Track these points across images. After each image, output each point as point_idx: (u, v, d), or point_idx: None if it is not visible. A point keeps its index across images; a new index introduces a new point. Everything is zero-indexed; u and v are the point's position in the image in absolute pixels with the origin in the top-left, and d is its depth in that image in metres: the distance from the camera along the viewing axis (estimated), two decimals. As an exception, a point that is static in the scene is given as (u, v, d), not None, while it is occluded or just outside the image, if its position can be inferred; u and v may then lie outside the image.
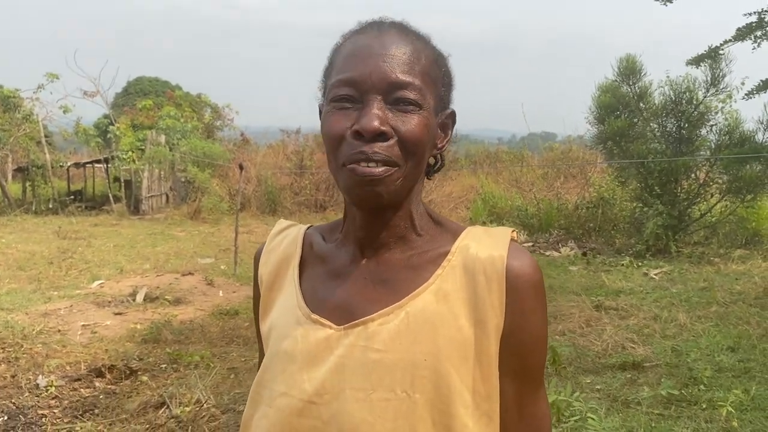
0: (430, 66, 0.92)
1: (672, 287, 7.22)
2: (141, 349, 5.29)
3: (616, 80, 9.88)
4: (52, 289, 7.47)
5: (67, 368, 4.87)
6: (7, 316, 6.13)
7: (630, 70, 9.73)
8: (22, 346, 5.24)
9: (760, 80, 7.66)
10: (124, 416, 3.99)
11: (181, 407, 3.99)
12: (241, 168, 9.48)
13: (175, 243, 11.09)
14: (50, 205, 15.66)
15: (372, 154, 0.85)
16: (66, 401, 4.27)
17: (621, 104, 9.80)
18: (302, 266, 1.00)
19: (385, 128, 0.85)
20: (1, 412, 4.08)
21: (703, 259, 8.87)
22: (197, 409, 3.99)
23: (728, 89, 9.27)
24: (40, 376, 4.62)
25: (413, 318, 0.88)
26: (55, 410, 4.13)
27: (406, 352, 0.87)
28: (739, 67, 9.31)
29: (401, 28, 0.93)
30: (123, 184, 16.04)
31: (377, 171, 0.85)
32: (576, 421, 3.53)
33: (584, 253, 9.61)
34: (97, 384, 4.57)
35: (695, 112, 9.43)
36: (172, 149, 15.99)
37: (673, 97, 9.47)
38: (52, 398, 4.32)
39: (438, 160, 1.00)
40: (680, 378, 4.42)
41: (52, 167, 16.49)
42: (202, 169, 15.52)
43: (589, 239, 10.74)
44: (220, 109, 21.56)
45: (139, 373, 4.72)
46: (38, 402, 4.25)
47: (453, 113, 0.98)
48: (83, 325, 5.99)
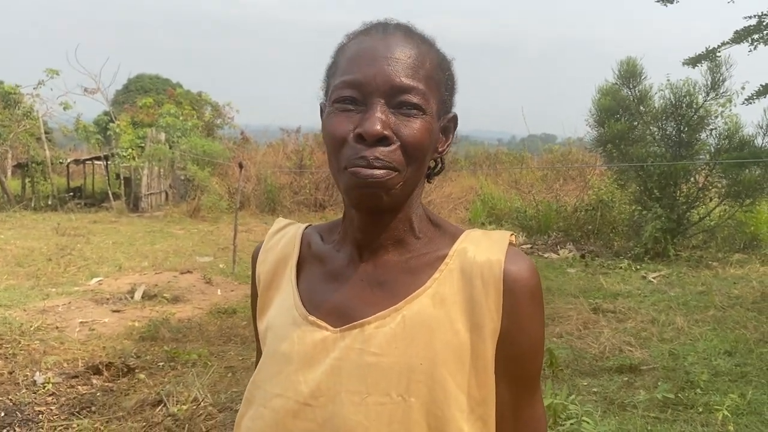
0: (434, 70, 0.92)
1: (670, 291, 7.23)
2: (139, 347, 5.29)
3: (617, 83, 9.88)
4: (50, 285, 7.46)
5: (65, 365, 4.87)
6: (5, 312, 6.13)
7: (630, 73, 9.74)
8: (20, 343, 5.25)
9: (760, 85, 7.67)
10: (121, 414, 3.99)
11: (178, 405, 3.99)
12: (241, 166, 9.48)
13: (174, 241, 11.09)
14: (49, 202, 15.64)
15: (373, 160, 0.85)
16: (63, 398, 4.27)
17: (621, 107, 9.80)
18: (300, 266, 1.00)
19: (387, 132, 0.85)
20: (-2, 408, 4.08)
21: (701, 262, 8.88)
22: (194, 407, 4.00)
23: (728, 93, 9.29)
24: (38, 373, 4.62)
25: (409, 322, 0.88)
26: (52, 407, 4.14)
27: (402, 356, 0.87)
28: (740, 72, 9.32)
29: (406, 31, 0.92)
30: (122, 182, 16.03)
31: (378, 174, 0.85)
32: (572, 424, 3.53)
33: (582, 256, 9.61)
34: (95, 381, 4.57)
35: (695, 116, 9.44)
36: (171, 147, 15.98)
37: (673, 100, 9.48)
38: (49, 395, 4.32)
39: (438, 163, 1.00)
40: (677, 381, 4.42)
41: (52, 164, 16.48)
42: (201, 168, 15.51)
43: (588, 242, 10.74)
44: (221, 108, 21.55)
45: (137, 371, 4.72)
46: (35, 399, 4.25)
47: (455, 117, 0.98)
48: (81, 322, 5.99)
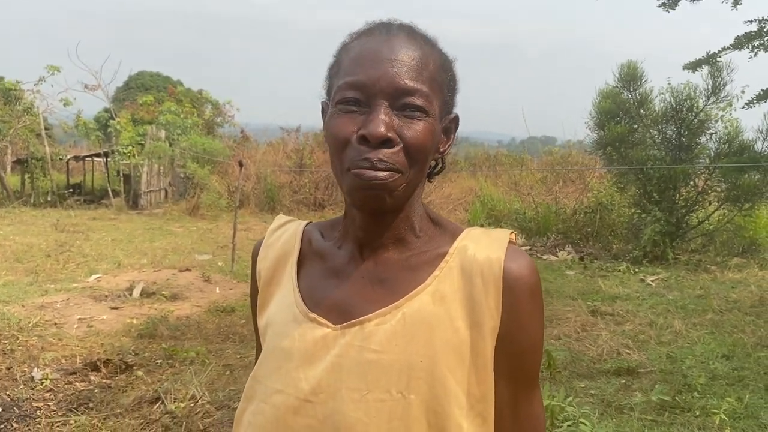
0: (437, 71, 0.92)
1: (668, 294, 7.23)
2: (137, 344, 5.29)
3: (617, 86, 9.89)
4: (49, 282, 7.46)
5: (63, 361, 4.87)
6: (4, 308, 6.12)
7: (631, 76, 9.75)
8: (18, 339, 5.24)
9: (761, 89, 7.67)
10: (118, 410, 3.99)
11: (176, 403, 3.99)
12: (241, 165, 9.48)
13: (173, 239, 11.09)
14: (49, 198, 15.64)
15: (377, 162, 0.86)
16: (61, 394, 4.27)
17: (621, 110, 9.81)
18: (300, 263, 1.01)
19: (391, 135, 0.86)
20: (-4, 403, 4.08)
21: (699, 266, 8.89)
22: (192, 405, 3.99)
23: (729, 98, 9.30)
24: (36, 369, 4.62)
25: (410, 319, 0.89)
26: (49, 403, 4.14)
27: (402, 353, 0.87)
28: (740, 76, 9.34)
29: (409, 32, 0.93)
30: (122, 179, 16.03)
31: (381, 175, 0.86)
32: (569, 426, 3.54)
33: (581, 258, 9.62)
34: (93, 378, 4.57)
35: (695, 120, 9.45)
36: (172, 145, 15.99)
37: (673, 104, 9.49)
38: (47, 391, 4.32)
39: (439, 163, 1.01)
40: (674, 385, 4.43)
41: (52, 160, 16.48)
42: (201, 166, 15.51)
43: (587, 244, 10.75)
44: (221, 106, 21.55)
45: (135, 368, 4.72)
46: (33, 394, 4.25)
47: (456, 117, 0.99)
48: (79, 319, 5.98)
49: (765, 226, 9.92)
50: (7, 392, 4.25)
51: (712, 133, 9.59)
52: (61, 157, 17.50)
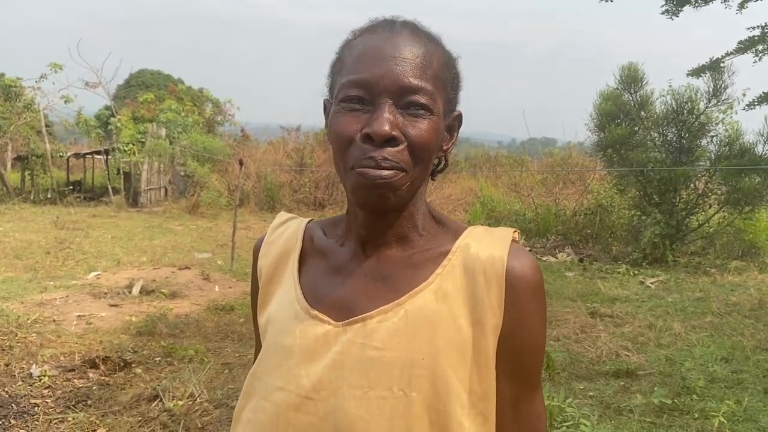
0: (441, 69, 0.92)
1: (668, 296, 7.23)
2: (135, 342, 5.29)
3: (618, 88, 9.89)
4: (48, 278, 7.46)
5: (61, 358, 4.86)
6: (3, 304, 6.12)
7: (632, 78, 9.75)
8: (17, 335, 5.24)
9: (762, 92, 7.68)
10: (117, 408, 3.98)
11: (175, 401, 3.99)
12: (241, 164, 9.48)
13: (173, 237, 11.08)
14: (49, 195, 15.63)
15: (381, 161, 0.85)
16: (59, 391, 4.27)
17: (622, 112, 9.81)
18: (302, 260, 1.00)
19: (395, 133, 0.85)
20: (-6, 400, 4.08)
21: (699, 269, 8.89)
22: (190, 403, 3.99)
23: (729, 100, 9.30)
24: (34, 366, 4.62)
25: (412, 316, 0.88)
26: (48, 400, 4.13)
27: (404, 351, 0.87)
28: (741, 79, 9.34)
29: (413, 29, 0.92)
30: (122, 177, 16.02)
31: (386, 174, 0.85)
32: (568, 427, 3.54)
33: (581, 260, 9.62)
34: (91, 375, 4.57)
35: (696, 122, 9.44)
36: (172, 143, 15.98)
37: (674, 106, 9.48)
38: (45, 388, 4.31)
39: (442, 161, 1.00)
40: (673, 387, 4.43)
41: (52, 157, 16.46)
42: (201, 164, 15.50)
43: (587, 246, 10.75)
44: (222, 105, 21.55)
45: (133, 366, 4.72)
46: (31, 391, 4.25)
47: (459, 115, 0.98)
48: (78, 316, 5.98)
49: (765, 230, 9.92)
50: (5, 389, 4.24)
51: (712, 136, 9.59)
52: (61, 155, 17.49)
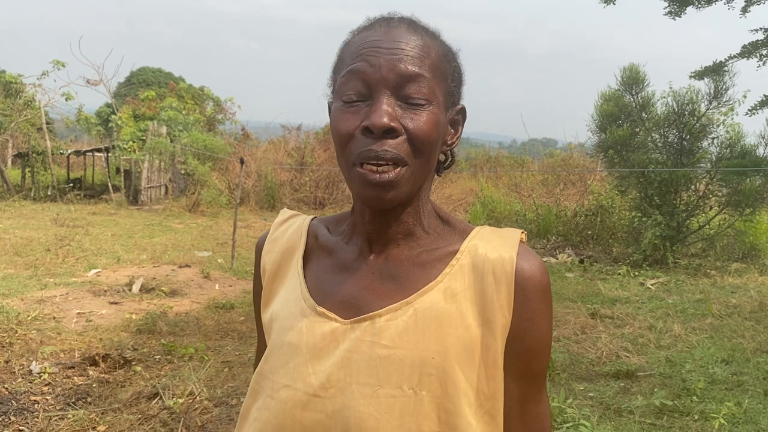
0: (440, 60, 0.91)
1: (668, 298, 7.23)
2: (135, 340, 5.29)
3: (619, 89, 9.89)
4: (48, 276, 7.45)
5: (61, 355, 4.86)
6: (3, 301, 6.12)
7: (633, 79, 9.74)
8: (17, 332, 5.23)
9: (764, 95, 7.68)
10: (116, 405, 3.98)
11: (174, 399, 3.99)
12: (242, 162, 9.47)
13: (173, 235, 11.08)
14: (49, 192, 15.62)
15: (382, 152, 0.84)
16: (59, 388, 4.26)
17: (623, 113, 9.81)
18: (306, 257, 0.99)
19: (394, 124, 0.85)
20: (-6, 396, 4.07)
21: (699, 271, 8.88)
22: (190, 401, 3.99)
23: (731, 102, 9.29)
24: (34, 363, 4.62)
25: (421, 315, 0.88)
26: (47, 397, 4.13)
27: (413, 349, 0.87)
28: (742, 80, 9.34)
29: (410, 23, 0.92)
30: (123, 174, 16.02)
31: (388, 176, 0.85)
32: (568, 428, 3.54)
33: (581, 261, 9.61)
34: (91, 372, 4.56)
35: (697, 124, 9.44)
36: (173, 141, 15.97)
37: (675, 108, 9.48)
38: (45, 385, 4.31)
39: (448, 157, 1.00)
40: (673, 389, 4.42)
41: (53, 154, 16.46)
42: (202, 162, 15.49)
43: (587, 247, 10.75)
44: (222, 103, 21.56)
45: (133, 363, 4.72)
46: (31, 388, 4.24)
47: (463, 109, 0.98)
48: (78, 313, 5.98)
49: (765, 232, 9.92)
50: (5, 385, 4.24)
51: (713, 138, 9.59)
52: (61, 152, 17.49)
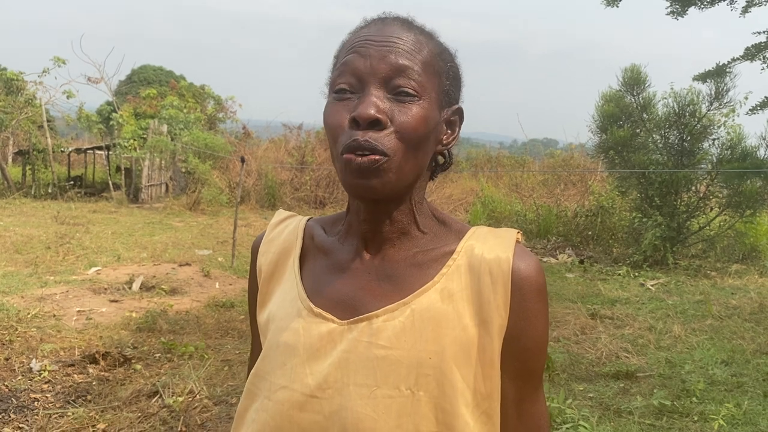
0: (433, 57, 0.91)
1: (668, 299, 7.23)
2: (135, 338, 5.29)
3: (620, 90, 9.89)
4: (48, 273, 7.46)
5: (61, 353, 4.87)
6: (3, 298, 6.13)
7: (634, 80, 9.74)
8: (17, 329, 5.24)
9: (765, 96, 7.67)
10: (116, 403, 3.99)
11: (174, 397, 3.99)
12: (243, 161, 9.48)
13: (173, 233, 11.08)
14: (50, 190, 15.63)
15: (364, 142, 0.84)
16: (59, 386, 4.27)
17: (624, 114, 9.80)
18: (303, 258, 0.99)
19: (381, 116, 0.85)
20: (-6, 394, 4.08)
21: (699, 272, 8.88)
22: (190, 399, 3.99)
23: (732, 104, 9.29)
24: (34, 360, 4.62)
25: (418, 316, 0.88)
26: (47, 394, 4.13)
27: (410, 350, 0.87)
28: (744, 81, 9.32)
29: (405, 21, 0.93)
30: (123, 172, 16.02)
31: (367, 161, 0.84)
32: (568, 428, 3.54)
33: (581, 261, 9.61)
34: (91, 370, 4.57)
35: (698, 125, 9.44)
36: (173, 139, 15.97)
37: (676, 109, 9.48)
38: (45, 382, 4.31)
39: (446, 158, 1.00)
40: (673, 389, 4.43)
41: (53, 152, 16.47)
42: (202, 161, 15.49)
43: (587, 247, 10.75)
44: (223, 101, 21.55)
45: (133, 362, 4.72)
46: (31, 386, 4.25)
47: (460, 109, 0.97)
48: (78, 311, 5.98)
49: (766, 233, 9.92)
50: (5, 383, 4.24)
51: (714, 139, 9.59)
52: (62, 150, 17.49)
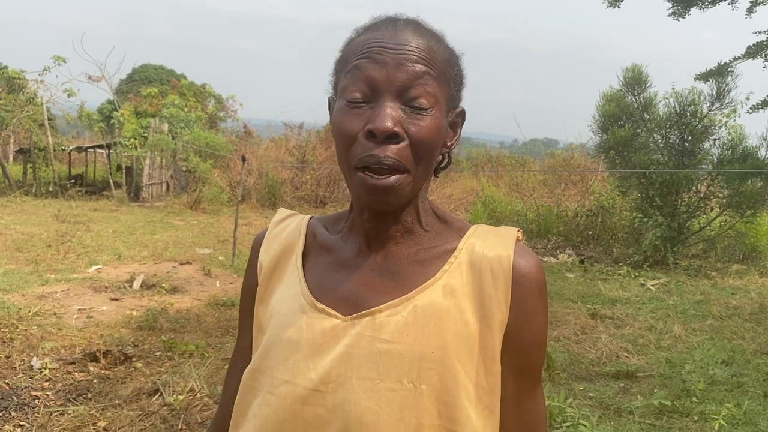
0: (444, 65, 0.92)
1: (668, 299, 7.23)
2: (136, 336, 5.29)
3: (621, 90, 9.89)
4: (49, 271, 7.46)
5: (62, 351, 4.87)
6: (4, 296, 6.13)
7: (635, 80, 9.74)
8: (18, 327, 5.25)
9: (766, 96, 7.67)
10: (117, 402, 3.99)
11: (175, 395, 3.99)
12: (243, 160, 9.48)
13: (174, 232, 11.09)
14: (50, 188, 15.65)
15: (384, 158, 0.85)
16: (59, 384, 4.27)
17: (625, 114, 9.80)
18: (305, 255, 1.00)
19: (398, 129, 0.86)
20: (-6, 391, 4.08)
21: (700, 272, 8.89)
22: (190, 397, 3.99)
23: (733, 104, 9.28)
24: (35, 358, 4.63)
25: (421, 311, 0.89)
26: (48, 392, 4.14)
27: (413, 344, 0.88)
28: (745, 81, 9.32)
29: (416, 26, 0.92)
30: (124, 171, 16.03)
31: (388, 182, 0.86)
32: (568, 428, 3.54)
33: (582, 261, 9.61)
34: (91, 368, 4.57)
35: (699, 125, 9.43)
36: (174, 138, 15.98)
37: (677, 109, 9.47)
38: (46, 380, 4.32)
39: (446, 158, 1.01)
40: (673, 389, 4.43)
41: (54, 150, 16.48)
42: (203, 159, 15.50)
43: (588, 247, 10.75)
44: (224, 100, 21.56)
45: (134, 360, 4.73)
46: (32, 384, 4.25)
47: (462, 112, 0.99)
48: (79, 309, 5.99)
49: (766, 234, 9.92)
50: (6, 381, 4.25)
51: (715, 139, 9.59)
52: (63, 148, 17.50)
